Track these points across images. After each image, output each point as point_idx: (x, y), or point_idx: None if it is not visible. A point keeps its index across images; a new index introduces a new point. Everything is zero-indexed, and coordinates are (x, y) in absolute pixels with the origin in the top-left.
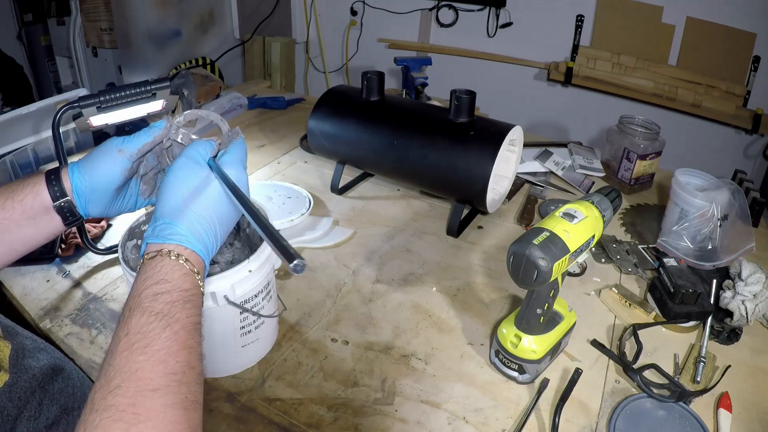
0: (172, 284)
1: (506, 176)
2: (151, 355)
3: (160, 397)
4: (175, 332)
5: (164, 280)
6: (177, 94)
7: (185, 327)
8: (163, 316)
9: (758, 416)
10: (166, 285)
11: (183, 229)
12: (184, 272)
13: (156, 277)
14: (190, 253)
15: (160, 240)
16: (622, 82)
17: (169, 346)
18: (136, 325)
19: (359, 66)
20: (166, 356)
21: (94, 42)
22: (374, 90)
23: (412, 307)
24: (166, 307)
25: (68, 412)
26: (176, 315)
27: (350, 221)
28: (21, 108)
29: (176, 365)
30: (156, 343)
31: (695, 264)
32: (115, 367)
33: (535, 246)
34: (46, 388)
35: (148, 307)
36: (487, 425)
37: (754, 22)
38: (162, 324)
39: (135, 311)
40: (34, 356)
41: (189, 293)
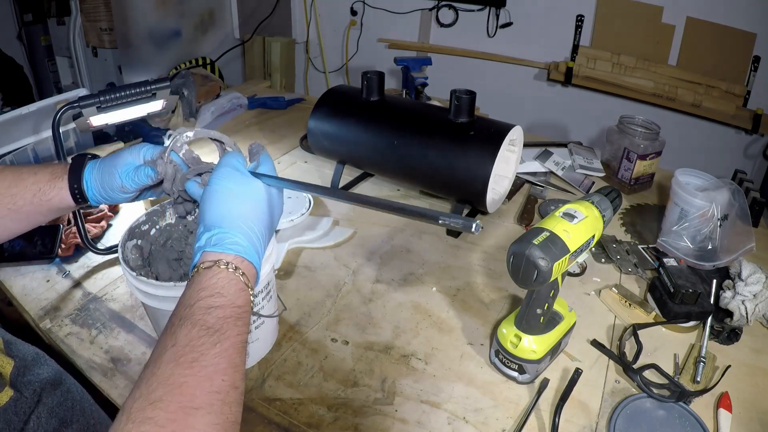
0: (227, 299)
1: (506, 176)
2: (198, 371)
3: (202, 416)
4: (224, 349)
5: (219, 294)
6: (177, 94)
7: (235, 345)
8: (214, 331)
9: (758, 416)
10: (221, 299)
11: (242, 239)
12: (240, 287)
13: (211, 289)
14: (248, 266)
15: (219, 249)
16: (622, 82)
17: (218, 363)
18: (185, 337)
19: (359, 66)
20: (213, 373)
21: (94, 42)
22: (374, 90)
23: (412, 307)
24: (219, 322)
25: (66, 425)
26: (228, 332)
27: (350, 221)
28: (21, 108)
29: (222, 384)
30: (204, 358)
31: (695, 264)
32: (158, 378)
33: (535, 246)
34: (46, 402)
35: (200, 320)
36: (487, 425)
37: (754, 22)
38: (213, 339)
39: (185, 322)
40: (34, 371)
41: (242, 310)
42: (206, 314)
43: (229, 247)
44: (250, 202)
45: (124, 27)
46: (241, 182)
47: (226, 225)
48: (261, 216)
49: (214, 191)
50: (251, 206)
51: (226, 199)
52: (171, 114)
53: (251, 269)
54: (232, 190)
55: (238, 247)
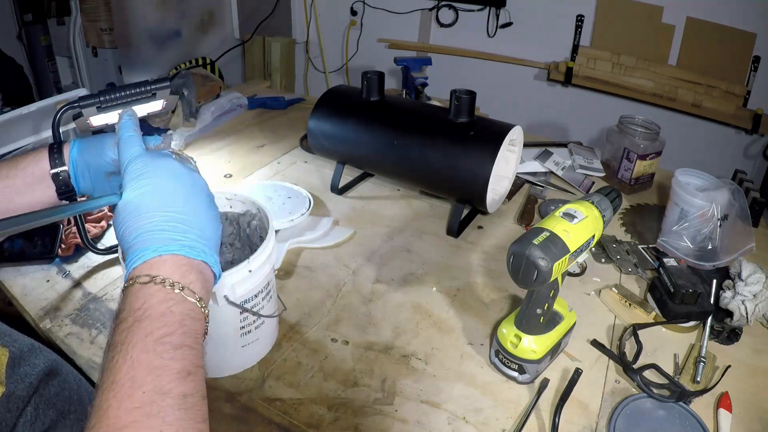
0: (126, 311)
1: (506, 176)
2: (116, 391)
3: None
4: (133, 359)
5: (121, 310)
6: (177, 94)
7: (145, 348)
8: (120, 345)
9: (758, 416)
10: (122, 314)
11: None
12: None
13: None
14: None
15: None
16: (622, 82)
17: (133, 377)
18: (104, 362)
19: (359, 66)
20: (130, 390)
21: (94, 42)
22: (374, 90)
23: (412, 307)
24: (122, 336)
25: (65, 416)
26: (133, 339)
27: (350, 221)
28: (21, 108)
29: (143, 396)
30: (118, 376)
31: (695, 264)
32: (94, 406)
33: (535, 246)
34: (42, 393)
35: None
36: (487, 425)
37: (754, 22)
38: (121, 355)
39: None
40: (30, 361)
41: (141, 310)
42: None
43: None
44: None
45: (124, 27)
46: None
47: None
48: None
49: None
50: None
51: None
52: (171, 114)
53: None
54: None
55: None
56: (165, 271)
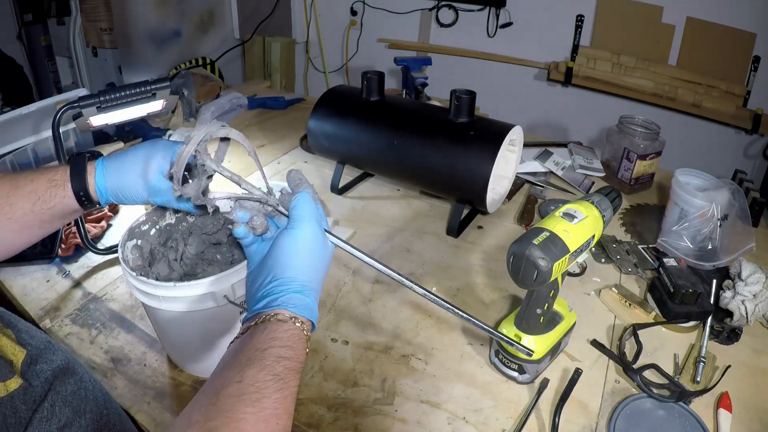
0: (295, 353)
1: (506, 176)
2: (258, 410)
3: None
4: (284, 396)
5: (290, 347)
6: (177, 94)
7: (293, 395)
8: (280, 379)
9: (758, 416)
10: (290, 352)
11: (314, 304)
12: (304, 345)
13: (283, 341)
14: (309, 323)
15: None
16: (622, 82)
17: (276, 407)
18: (252, 378)
19: (359, 66)
20: (270, 416)
21: (94, 42)
22: (374, 90)
23: (412, 307)
24: (285, 372)
25: (80, 415)
26: (290, 382)
27: (350, 221)
28: (21, 108)
29: (276, 427)
30: (267, 401)
31: (695, 264)
32: (218, 409)
33: (535, 246)
34: (59, 390)
35: (269, 366)
36: (487, 425)
37: (754, 22)
38: (277, 386)
39: (255, 364)
40: (47, 358)
41: (302, 365)
42: (275, 362)
43: (305, 311)
44: (323, 265)
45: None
46: (321, 243)
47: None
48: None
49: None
50: (323, 269)
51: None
52: (171, 114)
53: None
54: (314, 250)
55: (311, 312)
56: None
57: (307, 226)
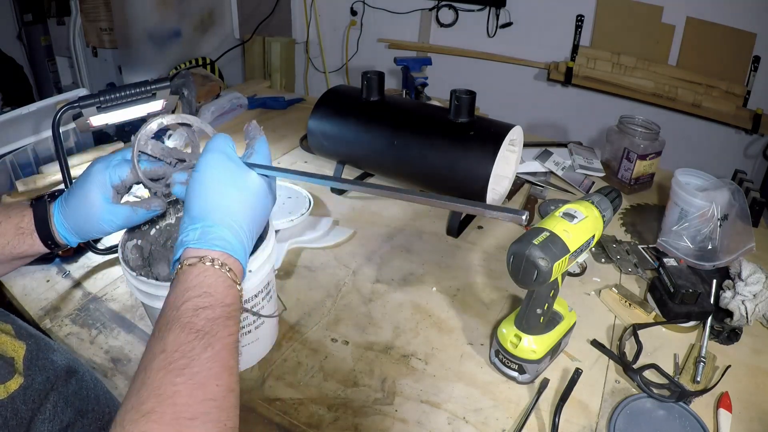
0: (215, 298)
1: (506, 176)
2: (189, 378)
3: (197, 426)
4: (216, 352)
5: (207, 293)
6: (177, 94)
7: (227, 346)
8: (204, 334)
9: (758, 416)
10: (208, 299)
11: (228, 235)
12: (228, 285)
13: (198, 289)
14: (234, 262)
15: (205, 246)
16: (622, 82)
17: (210, 368)
18: (174, 342)
19: (359, 66)
20: (205, 379)
21: (94, 42)
22: (374, 90)
23: (412, 307)
24: (208, 324)
25: (83, 415)
26: (218, 333)
27: (350, 221)
28: (21, 108)
29: (216, 390)
30: (195, 364)
31: (695, 264)
32: (148, 388)
33: (535, 246)
34: (60, 390)
35: (188, 323)
36: (487, 425)
37: (754, 22)
38: (203, 343)
39: (173, 326)
40: (48, 357)
41: (231, 308)
42: (194, 316)
43: (215, 243)
44: (239, 194)
45: (124, 27)
46: (231, 171)
47: (212, 219)
48: (250, 210)
49: (200, 180)
50: (240, 199)
51: (214, 190)
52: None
53: (238, 266)
54: (220, 179)
55: (224, 243)
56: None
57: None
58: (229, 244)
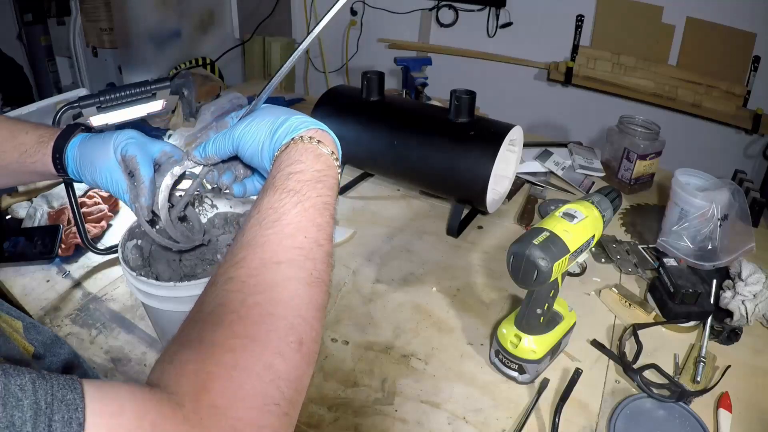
0: (306, 164)
1: (506, 176)
2: (279, 229)
3: (283, 269)
4: (305, 209)
5: (298, 161)
6: (177, 94)
7: (315, 205)
8: (295, 193)
9: (758, 416)
10: (299, 165)
11: (306, 118)
12: (317, 153)
13: (290, 160)
14: (323, 134)
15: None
16: (622, 82)
17: (299, 221)
18: (267, 202)
19: (359, 66)
20: (295, 231)
21: (94, 42)
22: (374, 90)
23: (412, 307)
24: (298, 185)
25: None
26: (307, 193)
27: (350, 221)
28: (21, 108)
29: (304, 240)
30: (286, 217)
31: (695, 264)
32: (241, 243)
33: (535, 246)
34: None
35: (280, 186)
36: (487, 425)
37: (754, 22)
38: (293, 200)
39: (268, 191)
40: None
41: (322, 173)
42: (287, 179)
43: (298, 128)
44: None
45: (124, 27)
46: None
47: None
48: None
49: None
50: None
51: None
52: (171, 114)
53: (327, 137)
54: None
55: (308, 122)
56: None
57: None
58: (313, 122)
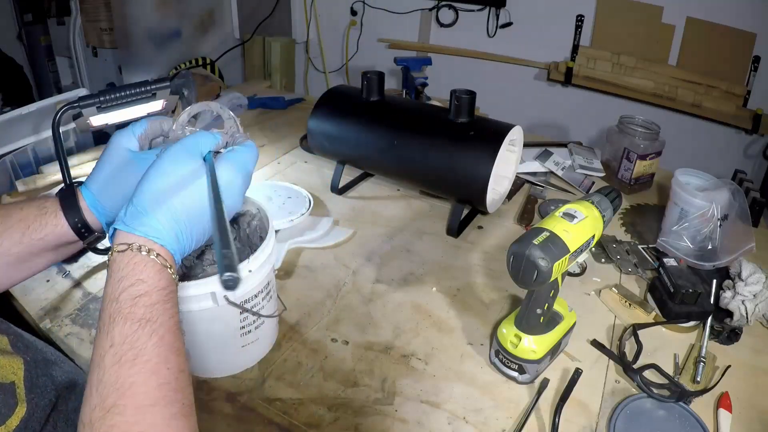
0: (149, 284)
1: (506, 176)
2: (141, 367)
3: (159, 410)
4: (160, 337)
5: (140, 281)
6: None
7: (170, 329)
8: (146, 321)
9: (758, 416)
10: (143, 286)
11: (156, 222)
12: (157, 269)
13: (131, 277)
14: (161, 249)
15: (129, 229)
16: (622, 82)
17: (159, 353)
18: (119, 335)
19: (359, 66)
20: (156, 366)
21: (94, 42)
22: (374, 90)
23: (412, 307)
24: (148, 312)
25: None
26: (159, 318)
27: (350, 221)
28: (21, 108)
29: (168, 373)
30: (144, 353)
31: (695, 264)
32: (106, 384)
33: (535, 246)
34: (60, 409)
35: (129, 314)
36: (487, 425)
37: (754, 22)
38: (147, 331)
39: (116, 319)
40: (49, 373)
41: (166, 291)
42: (134, 305)
43: (139, 229)
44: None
45: (124, 27)
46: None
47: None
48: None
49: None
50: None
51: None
52: (171, 114)
53: (164, 251)
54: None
55: (151, 230)
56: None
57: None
58: (157, 231)
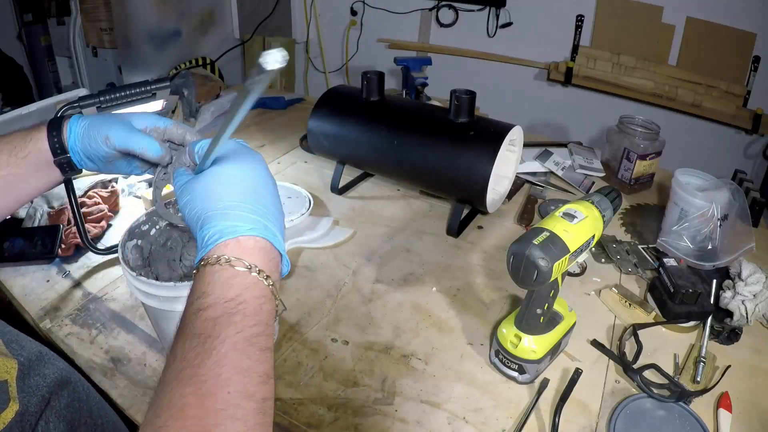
0: (213, 297)
1: (506, 176)
2: (196, 388)
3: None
4: (222, 356)
5: (205, 293)
6: (177, 94)
7: (234, 346)
8: (206, 338)
9: (758, 416)
10: (206, 299)
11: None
12: (227, 276)
13: (197, 290)
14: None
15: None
16: (622, 82)
17: (218, 374)
18: (180, 350)
19: (359, 66)
20: (214, 387)
21: (94, 42)
22: (374, 90)
23: (412, 307)
24: (209, 327)
25: (75, 428)
26: (221, 334)
27: (350, 221)
28: (21, 108)
29: (228, 398)
30: (201, 372)
31: (695, 264)
32: (161, 402)
33: (535, 246)
34: (53, 406)
35: (189, 329)
36: (487, 425)
37: (754, 22)
38: (206, 348)
39: (181, 333)
40: (40, 371)
41: (236, 302)
42: (194, 319)
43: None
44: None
45: (124, 27)
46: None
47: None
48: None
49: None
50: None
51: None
52: (171, 114)
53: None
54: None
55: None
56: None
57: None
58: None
